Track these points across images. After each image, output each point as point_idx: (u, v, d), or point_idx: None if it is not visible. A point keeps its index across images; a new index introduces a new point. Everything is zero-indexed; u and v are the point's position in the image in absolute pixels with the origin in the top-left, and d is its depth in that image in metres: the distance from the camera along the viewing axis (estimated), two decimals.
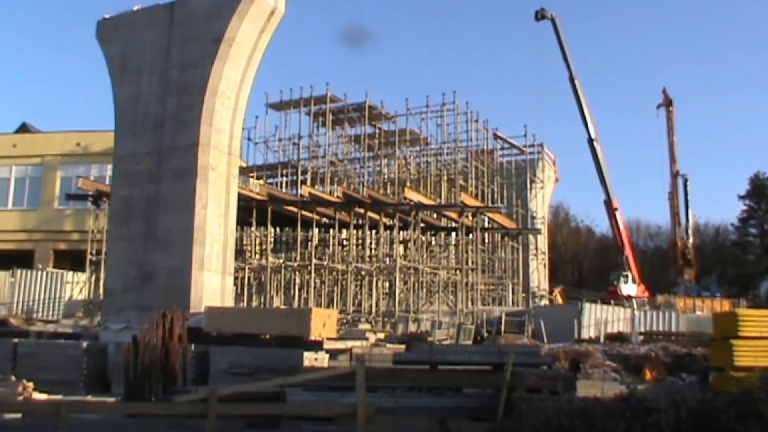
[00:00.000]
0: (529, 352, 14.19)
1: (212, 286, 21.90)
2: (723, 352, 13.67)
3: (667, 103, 61.17)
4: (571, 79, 52.61)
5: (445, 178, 49.81)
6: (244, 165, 44.20)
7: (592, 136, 53.21)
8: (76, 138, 44.12)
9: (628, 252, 55.11)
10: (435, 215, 44.69)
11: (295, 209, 38.70)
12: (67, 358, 18.82)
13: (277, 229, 44.70)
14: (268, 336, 19.51)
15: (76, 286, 37.18)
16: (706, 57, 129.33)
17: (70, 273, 37.58)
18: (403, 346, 20.85)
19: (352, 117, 48.74)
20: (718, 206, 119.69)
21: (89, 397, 16.21)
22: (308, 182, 44.91)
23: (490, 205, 48.50)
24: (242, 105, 24.05)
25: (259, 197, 37.69)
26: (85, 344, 19.76)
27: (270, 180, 49.09)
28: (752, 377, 9.51)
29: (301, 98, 47.09)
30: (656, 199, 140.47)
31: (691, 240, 62.44)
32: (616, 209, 54.36)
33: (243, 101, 23.99)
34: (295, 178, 46.88)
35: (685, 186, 61.53)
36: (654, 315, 39.97)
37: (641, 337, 31.86)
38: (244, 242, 42.27)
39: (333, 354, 19.37)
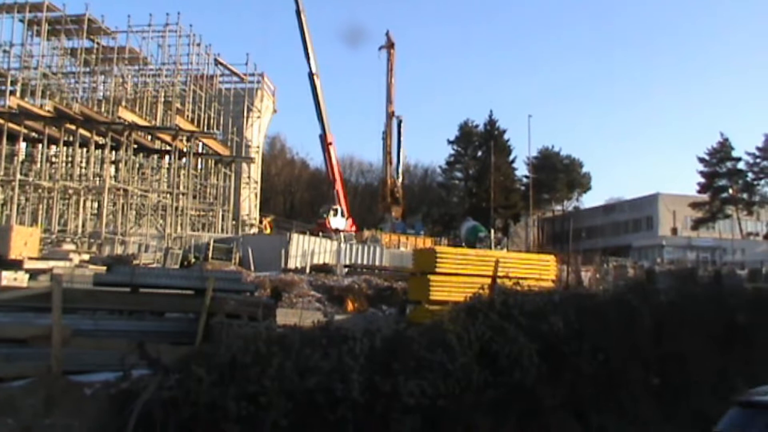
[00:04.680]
0: (231, 278, 14.55)
1: None
2: (421, 287, 15.53)
3: (389, 45, 68.43)
4: (298, 13, 57.62)
5: (162, 100, 53.06)
6: None
7: (313, 70, 58.90)
8: None
9: (338, 186, 61.79)
10: (149, 137, 48.43)
11: (1, 121, 40.16)
12: None
13: None
14: None
15: None
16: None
17: None
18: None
19: (69, 29, 49.89)
20: (429, 149, 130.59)
21: None
22: (17, 93, 45.67)
23: (205, 130, 52.89)
24: None
25: None
26: None
27: None
28: (444, 310, 10.65)
29: (15, 3, 47.34)
30: (371, 137, 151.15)
31: (400, 179, 70.61)
32: (330, 144, 60.61)
33: None
34: (3, 88, 47.31)
35: (399, 127, 69.50)
36: (360, 249, 45.79)
37: (346, 270, 35.95)
38: None
39: (34, 274, 19.64)
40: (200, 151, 52.21)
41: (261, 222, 61.21)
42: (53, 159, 45.99)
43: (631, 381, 10.37)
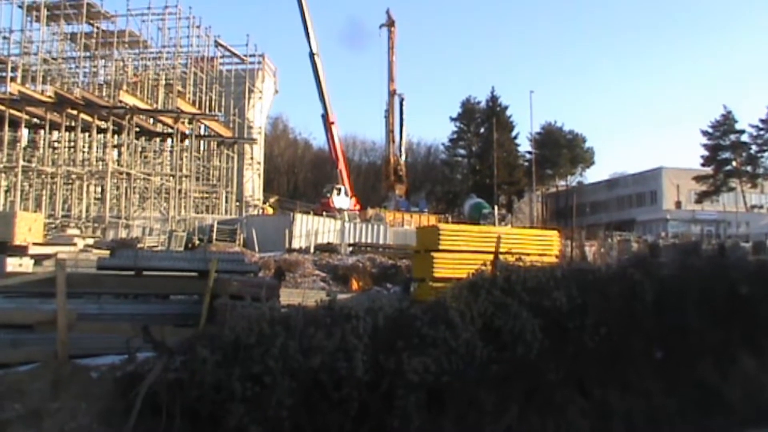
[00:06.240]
0: (234, 259, 14.52)
1: None
2: (424, 264, 15.39)
3: (390, 23, 68.84)
4: None
5: (163, 83, 53.38)
6: None
7: (314, 50, 59.00)
8: None
9: (341, 166, 62.13)
10: (151, 120, 48.71)
11: (2, 107, 40.43)
12: None
13: None
14: None
15: None
16: None
17: None
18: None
19: (68, 14, 50.07)
20: (431, 126, 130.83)
21: None
22: (18, 80, 45.97)
23: (207, 112, 53.02)
24: None
25: None
26: None
27: None
28: (447, 287, 10.60)
29: None
30: (373, 116, 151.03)
31: (403, 157, 71.21)
32: (332, 123, 60.83)
33: None
34: (4, 74, 47.88)
35: (401, 105, 70.18)
36: (364, 227, 46.16)
37: (350, 249, 36.24)
38: None
39: (38, 260, 19.80)
40: (202, 133, 52.54)
41: (265, 202, 61.50)
42: (55, 144, 46.13)
43: (634, 354, 10.35)
